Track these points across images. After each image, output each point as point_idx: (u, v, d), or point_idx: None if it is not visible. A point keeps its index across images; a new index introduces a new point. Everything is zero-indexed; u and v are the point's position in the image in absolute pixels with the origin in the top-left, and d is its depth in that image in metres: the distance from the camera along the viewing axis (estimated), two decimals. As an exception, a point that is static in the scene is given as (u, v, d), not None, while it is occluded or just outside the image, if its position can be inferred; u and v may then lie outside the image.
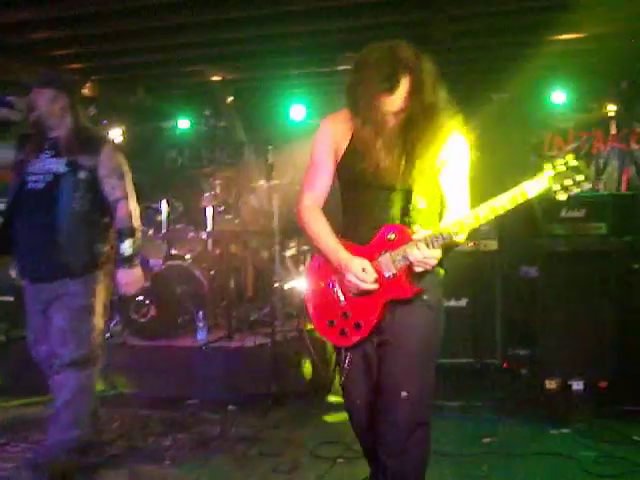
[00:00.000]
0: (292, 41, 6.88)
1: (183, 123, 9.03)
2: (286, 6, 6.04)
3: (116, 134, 9.24)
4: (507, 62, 7.43)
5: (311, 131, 8.61)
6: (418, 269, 2.98)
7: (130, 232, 4.29)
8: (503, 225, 6.91)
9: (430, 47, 6.61)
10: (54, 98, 4.28)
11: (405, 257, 2.97)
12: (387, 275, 3.02)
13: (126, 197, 4.34)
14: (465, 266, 6.43)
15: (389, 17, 6.35)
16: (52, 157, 4.29)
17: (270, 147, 6.51)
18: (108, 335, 6.96)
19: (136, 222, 4.37)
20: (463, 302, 6.49)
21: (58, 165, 4.25)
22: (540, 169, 2.94)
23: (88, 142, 4.31)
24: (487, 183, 7.15)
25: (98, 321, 4.38)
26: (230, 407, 5.91)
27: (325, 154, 3.21)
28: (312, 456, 4.74)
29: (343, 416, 5.49)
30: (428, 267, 2.97)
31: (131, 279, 4.35)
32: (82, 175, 4.21)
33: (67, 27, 6.44)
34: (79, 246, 4.22)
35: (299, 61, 7.52)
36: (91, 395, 4.40)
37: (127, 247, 4.27)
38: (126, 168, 4.42)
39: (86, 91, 8.04)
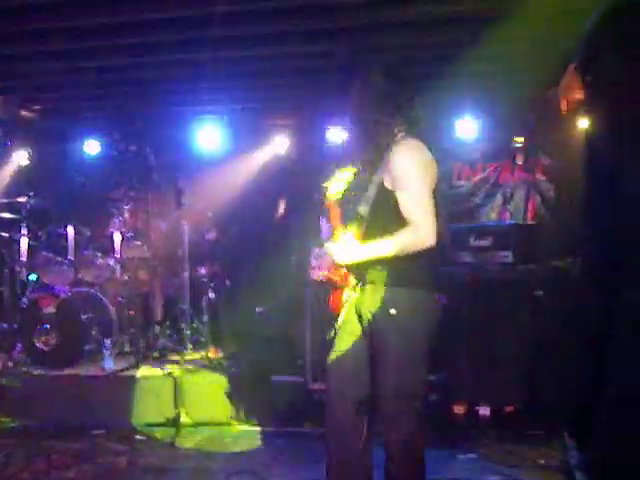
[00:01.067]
0: (202, 69, 6.85)
1: (92, 146, 8.88)
2: (199, 32, 6.02)
3: (22, 156, 9.03)
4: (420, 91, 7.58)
5: (223, 159, 8.68)
6: None
7: None
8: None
9: (339, 77, 6.80)
10: None
11: None
12: None
13: None
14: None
15: (297, 47, 6.40)
16: None
17: (179, 174, 6.45)
18: (11, 364, 6.77)
19: None
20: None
21: None
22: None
23: None
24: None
25: None
26: (137, 437, 5.80)
27: None
28: (223, 486, 4.68)
29: (252, 445, 5.56)
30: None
31: None
32: None
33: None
34: None
35: (208, 89, 7.50)
36: None
37: None
38: None
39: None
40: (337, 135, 8.38)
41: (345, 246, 3.46)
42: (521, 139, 8.32)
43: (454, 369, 6.40)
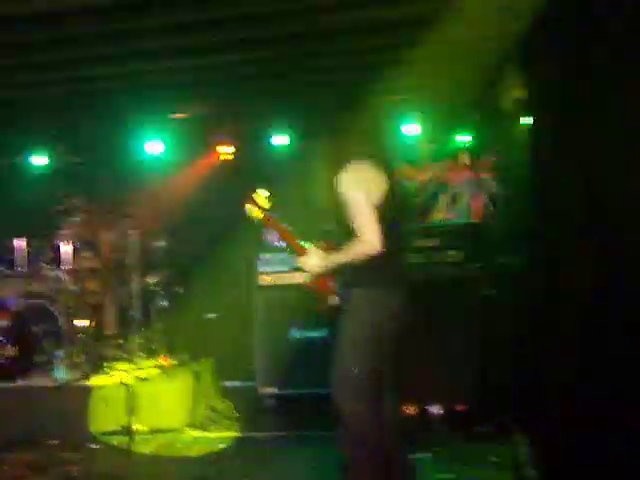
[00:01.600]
0: (145, 80, 6.93)
1: (38, 159, 8.87)
2: (144, 43, 6.09)
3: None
4: (359, 94, 7.70)
5: (170, 166, 8.72)
6: None
7: None
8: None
9: (282, 82, 6.90)
10: None
11: None
12: None
13: None
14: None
15: (239, 55, 6.52)
16: None
17: (125, 183, 6.51)
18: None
19: None
20: (324, 332, 6.59)
21: None
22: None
23: None
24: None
25: None
26: (92, 446, 5.86)
27: None
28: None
29: (206, 450, 5.64)
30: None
31: None
32: None
33: None
34: None
35: (154, 98, 7.56)
36: None
37: None
38: None
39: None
40: (281, 141, 8.49)
41: (313, 258, 4.12)
42: (466, 138, 8.47)
43: (404, 369, 6.52)
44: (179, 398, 6.48)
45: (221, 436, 6.05)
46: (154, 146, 8.47)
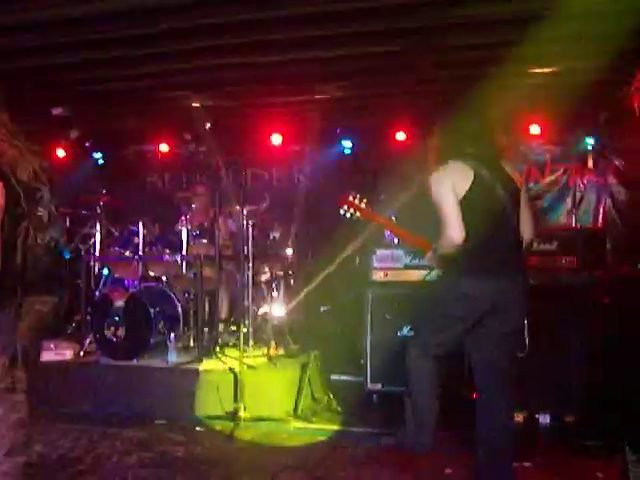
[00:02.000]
0: (273, 70, 7.00)
1: (164, 147, 9.14)
2: (268, 35, 6.17)
3: (99, 156, 9.39)
4: (484, 93, 7.55)
5: (290, 159, 8.81)
6: None
7: None
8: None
9: (410, 76, 6.83)
10: None
11: None
12: None
13: None
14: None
15: (369, 48, 6.49)
16: None
17: (245, 173, 6.61)
18: (82, 353, 7.07)
19: None
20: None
21: None
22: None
23: None
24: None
25: None
26: (197, 428, 6.00)
27: None
28: (273, 480, 4.80)
29: (307, 442, 5.67)
30: None
31: None
32: None
33: (43, 55, 6.57)
34: None
35: (279, 89, 7.64)
36: None
37: None
38: None
39: (62, 111, 8.16)
40: (402, 136, 8.43)
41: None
42: (592, 140, 8.19)
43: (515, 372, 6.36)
44: (285, 388, 6.55)
45: (323, 428, 6.06)
46: (275, 137, 8.55)
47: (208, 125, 6.82)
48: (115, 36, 6.20)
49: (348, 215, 5.08)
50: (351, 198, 5.05)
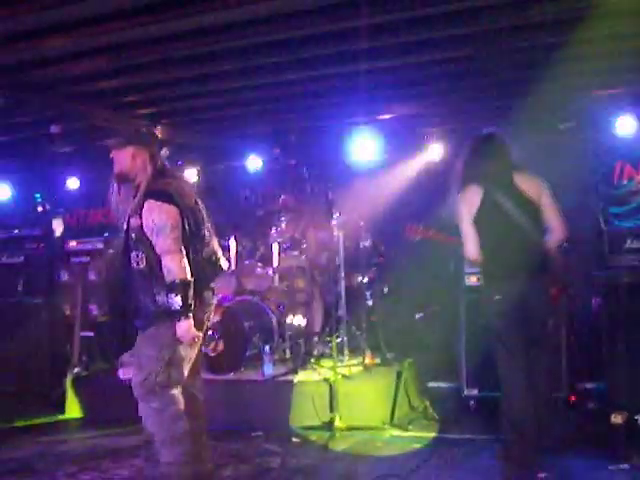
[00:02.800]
0: (353, 81, 7.01)
1: (253, 162, 9.27)
2: (348, 46, 6.19)
3: (192, 174, 9.60)
4: (574, 91, 7.38)
5: (376, 168, 8.79)
6: None
7: (172, 287, 4.21)
8: (569, 256, 6.87)
9: (493, 79, 6.74)
10: (134, 154, 4.47)
11: None
12: None
13: (166, 253, 4.25)
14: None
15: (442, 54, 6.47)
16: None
17: (330, 184, 6.65)
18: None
19: (178, 276, 4.23)
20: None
21: (125, 222, 4.43)
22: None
23: (137, 200, 4.39)
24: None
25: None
26: (293, 439, 6.05)
27: None
28: (368, 489, 4.80)
29: (403, 450, 5.64)
30: None
31: (180, 332, 4.26)
32: (133, 235, 4.34)
33: (135, 74, 6.78)
34: (143, 303, 4.39)
35: (363, 99, 7.65)
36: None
37: (172, 301, 4.23)
38: (166, 223, 4.26)
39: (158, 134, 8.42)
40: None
41: None
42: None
43: (613, 376, 6.20)
44: (380, 397, 6.55)
45: (420, 436, 6.03)
46: (361, 147, 8.55)
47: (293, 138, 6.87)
48: (190, 55, 6.34)
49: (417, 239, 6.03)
50: (415, 228, 6.06)
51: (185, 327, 4.25)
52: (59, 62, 6.40)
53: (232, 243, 7.69)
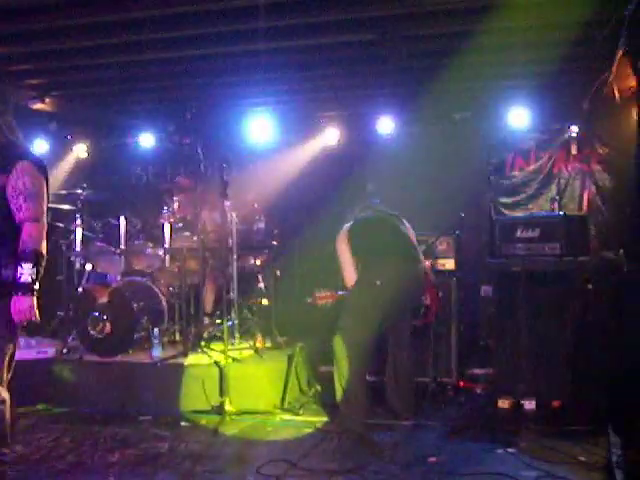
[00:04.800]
0: (251, 61, 6.90)
1: (147, 139, 9.03)
2: (246, 24, 6.07)
3: (81, 150, 9.27)
4: (469, 82, 7.50)
5: (272, 151, 8.74)
6: None
7: (29, 257, 3.89)
8: (459, 244, 7.00)
9: (387, 66, 6.77)
10: None
11: None
12: None
13: (31, 220, 3.95)
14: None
15: (345, 36, 6.41)
16: None
17: (225, 165, 6.52)
18: (65, 350, 6.97)
19: (39, 247, 3.95)
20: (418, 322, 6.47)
21: None
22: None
23: (2, 159, 4.01)
24: (443, 202, 7.32)
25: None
26: (182, 423, 5.93)
27: None
28: (257, 474, 4.70)
29: (293, 434, 5.61)
30: None
31: (20, 307, 3.88)
32: None
33: (24, 43, 6.46)
34: None
35: (261, 79, 7.55)
36: None
37: (25, 272, 3.87)
38: (39, 189, 4.02)
39: (46, 106, 8.08)
40: (387, 125, 8.36)
41: None
42: (575, 128, 8.16)
43: (500, 363, 6.37)
44: (271, 381, 6.50)
45: (310, 420, 6.01)
46: (258, 129, 8.45)
47: (189, 116, 6.71)
48: (83, 24, 6.11)
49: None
50: (319, 294, 6.17)
51: (30, 303, 3.90)
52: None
53: (122, 221, 7.45)
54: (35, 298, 3.92)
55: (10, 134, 4.15)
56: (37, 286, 3.92)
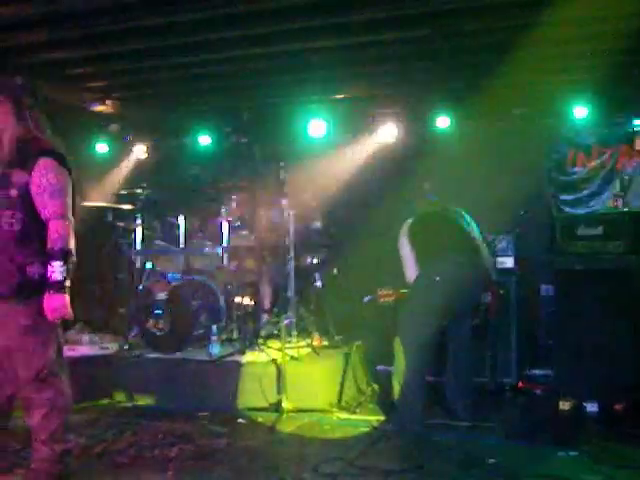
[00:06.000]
0: (308, 57, 6.91)
1: (205, 139, 9.11)
2: (302, 23, 6.08)
3: (140, 150, 9.40)
4: (528, 76, 7.37)
5: (328, 149, 8.71)
6: None
7: (58, 255, 3.89)
8: (519, 242, 6.90)
9: (443, 62, 6.70)
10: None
11: None
12: None
13: (57, 217, 3.94)
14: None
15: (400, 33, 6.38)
16: None
17: (282, 163, 6.54)
18: (126, 347, 7.08)
19: (67, 244, 3.94)
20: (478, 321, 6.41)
21: None
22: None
23: (25, 156, 3.99)
24: (502, 199, 7.18)
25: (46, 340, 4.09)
26: (239, 420, 5.97)
27: None
28: (314, 472, 4.68)
29: (350, 433, 5.60)
30: None
31: (54, 305, 3.89)
32: (13, 193, 3.92)
33: (86, 46, 6.57)
34: (7, 268, 3.93)
35: (316, 78, 7.55)
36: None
37: (54, 271, 3.88)
38: (62, 185, 4.00)
39: (106, 108, 8.21)
40: (444, 121, 8.27)
41: None
42: (639, 122, 7.95)
43: (561, 363, 6.24)
44: (328, 379, 6.49)
45: (367, 419, 5.99)
46: (316, 127, 8.45)
47: (246, 115, 6.74)
48: (143, 27, 6.17)
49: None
50: (382, 292, 6.13)
51: (63, 301, 3.90)
52: (6, 31, 6.17)
53: (181, 220, 7.54)
54: (68, 296, 3.92)
55: (36, 130, 4.14)
56: (68, 284, 3.92)
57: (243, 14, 5.95)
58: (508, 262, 6.93)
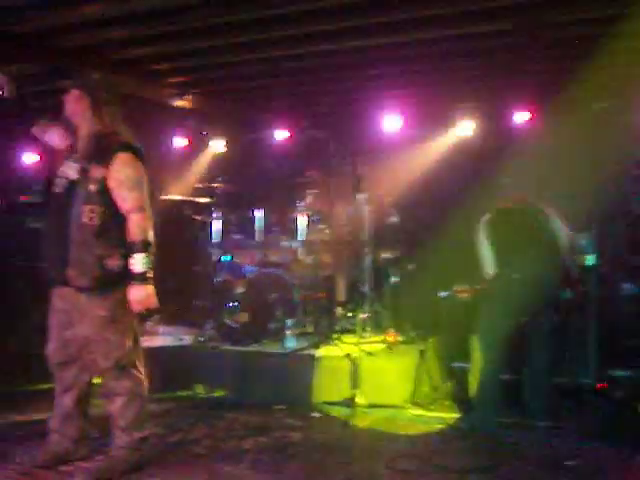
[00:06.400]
0: (386, 52, 6.88)
1: (281, 134, 9.16)
2: (380, 17, 6.06)
3: (218, 145, 9.51)
4: (611, 70, 7.19)
5: (406, 143, 8.64)
6: None
7: (139, 247, 4.03)
8: (600, 240, 6.73)
9: (524, 56, 6.58)
10: (77, 99, 4.20)
11: None
12: None
13: (136, 210, 4.07)
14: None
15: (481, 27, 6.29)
16: (73, 161, 4.17)
17: (358, 159, 6.54)
18: (202, 339, 7.19)
19: (147, 236, 4.08)
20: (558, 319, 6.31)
21: (73, 171, 4.13)
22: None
23: (103, 150, 4.12)
24: (582, 196, 7.02)
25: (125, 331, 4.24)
26: (314, 414, 5.99)
27: None
28: (388, 468, 4.67)
29: (424, 430, 5.56)
30: None
31: (139, 296, 4.07)
32: (92, 187, 4.05)
33: (167, 43, 6.69)
34: (87, 261, 4.05)
35: (392, 74, 7.52)
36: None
37: (137, 263, 4.02)
38: (140, 179, 4.13)
39: (186, 103, 8.33)
40: (523, 116, 8.13)
41: None
42: None
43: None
44: (403, 375, 6.45)
45: (442, 416, 5.93)
46: (391, 122, 8.40)
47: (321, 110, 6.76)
48: (224, 23, 6.25)
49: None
50: (458, 288, 6.41)
51: (147, 291, 4.06)
52: (90, 29, 6.33)
53: (257, 214, 7.62)
54: (151, 286, 4.05)
55: (113, 125, 4.24)
56: (151, 275, 4.04)
57: (320, 10, 5.96)
58: (588, 259, 6.77)
